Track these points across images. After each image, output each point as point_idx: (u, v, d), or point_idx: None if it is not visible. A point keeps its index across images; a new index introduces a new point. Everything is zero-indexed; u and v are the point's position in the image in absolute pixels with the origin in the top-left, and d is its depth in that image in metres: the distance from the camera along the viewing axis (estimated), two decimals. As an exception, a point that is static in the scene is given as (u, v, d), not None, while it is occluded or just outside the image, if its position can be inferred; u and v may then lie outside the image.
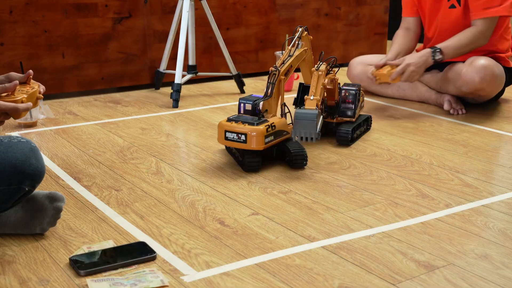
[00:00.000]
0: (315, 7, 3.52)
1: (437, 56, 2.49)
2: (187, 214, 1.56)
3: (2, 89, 1.41)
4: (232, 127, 1.85)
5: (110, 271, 1.27)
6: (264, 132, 1.82)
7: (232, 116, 1.89)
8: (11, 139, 1.31)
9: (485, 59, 2.46)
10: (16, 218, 1.39)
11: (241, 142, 1.83)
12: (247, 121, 1.84)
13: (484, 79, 2.44)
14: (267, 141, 1.84)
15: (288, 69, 1.97)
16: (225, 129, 1.85)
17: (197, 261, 1.32)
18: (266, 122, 1.85)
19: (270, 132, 1.84)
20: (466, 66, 2.48)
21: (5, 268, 1.28)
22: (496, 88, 2.53)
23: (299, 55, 2.02)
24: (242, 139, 1.83)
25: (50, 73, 2.80)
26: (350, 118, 2.16)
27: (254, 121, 1.84)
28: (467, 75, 2.45)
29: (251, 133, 1.81)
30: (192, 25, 2.83)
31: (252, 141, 1.82)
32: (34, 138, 2.20)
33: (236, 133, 1.83)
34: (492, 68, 2.45)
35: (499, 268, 1.31)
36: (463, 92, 2.53)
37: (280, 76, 1.93)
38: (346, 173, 1.88)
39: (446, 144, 2.17)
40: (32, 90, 1.46)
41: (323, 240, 1.43)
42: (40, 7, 2.72)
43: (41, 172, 1.32)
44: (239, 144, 1.84)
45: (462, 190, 1.75)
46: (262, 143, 1.82)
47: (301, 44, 2.05)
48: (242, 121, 1.85)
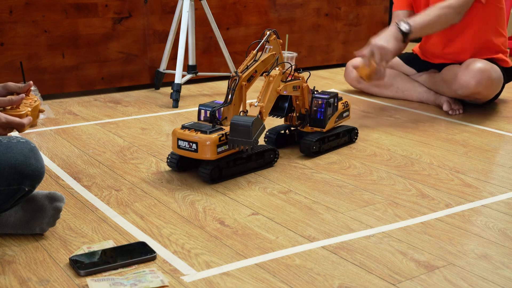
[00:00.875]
0: (315, 7, 3.52)
1: (403, 26, 2.30)
2: (187, 214, 1.56)
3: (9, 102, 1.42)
4: (184, 135, 1.75)
5: (110, 271, 1.27)
6: (217, 141, 1.71)
7: (187, 123, 1.80)
8: (11, 140, 1.31)
9: (482, 63, 2.44)
10: (16, 218, 1.39)
11: (193, 151, 1.73)
12: (200, 129, 1.74)
13: (480, 83, 2.42)
14: (220, 151, 1.74)
15: (252, 74, 1.85)
16: (177, 137, 1.76)
17: (197, 261, 1.32)
18: (220, 131, 1.74)
19: (224, 141, 1.74)
20: (462, 69, 2.47)
21: (5, 268, 1.28)
22: (493, 91, 2.52)
23: (265, 60, 1.89)
24: (194, 148, 1.73)
25: (50, 73, 2.80)
26: (320, 128, 2.03)
27: (207, 129, 1.74)
28: (462, 79, 2.44)
29: (202, 142, 1.71)
30: (192, 25, 2.83)
31: (203, 150, 1.72)
32: (34, 138, 2.20)
33: (188, 141, 1.73)
34: (489, 72, 2.43)
35: (499, 268, 1.31)
36: (459, 95, 2.52)
37: (241, 82, 1.81)
38: (346, 173, 1.88)
39: (446, 144, 2.17)
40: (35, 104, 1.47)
41: (323, 240, 1.43)
42: (40, 7, 2.72)
43: (41, 172, 1.32)
44: (191, 153, 1.74)
45: (462, 190, 1.75)
46: (214, 152, 1.72)
47: (269, 49, 1.94)
48: (195, 129, 1.74)
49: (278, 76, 1.85)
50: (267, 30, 1.95)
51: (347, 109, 2.16)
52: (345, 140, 2.13)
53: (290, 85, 1.92)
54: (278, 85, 1.86)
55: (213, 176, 1.76)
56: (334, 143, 2.08)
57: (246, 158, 1.84)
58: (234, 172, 1.81)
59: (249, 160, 1.85)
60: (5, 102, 1.42)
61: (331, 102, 2.03)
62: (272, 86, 1.83)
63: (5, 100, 1.42)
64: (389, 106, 2.71)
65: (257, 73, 1.89)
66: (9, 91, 1.47)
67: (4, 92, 1.46)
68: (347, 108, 2.16)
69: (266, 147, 1.90)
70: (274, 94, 1.85)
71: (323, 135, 2.02)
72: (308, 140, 1.98)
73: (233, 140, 1.70)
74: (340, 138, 2.11)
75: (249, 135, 1.68)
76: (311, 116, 2.04)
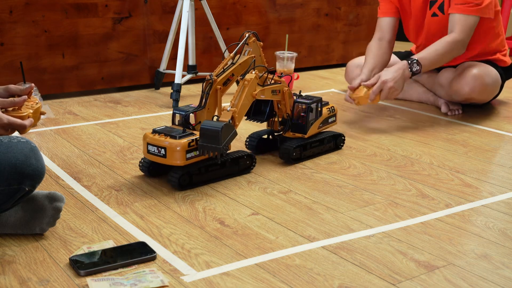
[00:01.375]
0: (315, 7, 3.52)
1: (414, 67, 2.33)
2: (187, 214, 1.56)
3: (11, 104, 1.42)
4: (153, 139, 1.70)
5: (110, 271, 1.27)
6: (186, 146, 1.66)
7: (159, 127, 1.75)
8: (11, 139, 1.31)
9: (477, 68, 2.43)
10: (16, 218, 1.39)
11: (161, 156, 1.69)
12: (170, 134, 1.69)
13: (473, 90, 2.43)
14: (190, 157, 1.68)
15: (228, 78, 1.80)
16: (147, 141, 1.72)
17: (197, 261, 1.32)
18: (191, 136, 1.69)
19: (194, 147, 1.69)
20: (456, 75, 2.47)
21: (5, 268, 1.28)
22: (489, 96, 2.52)
23: (243, 62, 1.84)
24: (162, 154, 1.68)
25: (50, 73, 2.80)
26: (302, 134, 1.96)
27: (177, 134, 1.69)
28: (456, 85, 2.45)
29: (171, 148, 1.66)
30: (192, 25, 2.83)
31: (172, 156, 1.67)
32: (34, 138, 2.20)
33: (157, 146, 1.69)
34: (482, 78, 2.42)
35: (499, 268, 1.31)
36: (454, 100, 2.53)
37: (216, 85, 1.77)
38: (346, 173, 1.88)
39: (446, 144, 2.17)
40: (36, 106, 1.48)
41: (323, 240, 1.43)
42: (40, 7, 2.72)
43: (41, 172, 1.32)
44: (160, 159, 1.69)
45: (462, 190, 1.75)
46: (183, 158, 1.67)
47: (248, 51, 1.88)
48: (165, 133, 1.69)
49: (253, 80, 1.78)
50: (246, 32, 1.89)
51: (333, 115, 2.08)
52: (330, 147, 2.06)
53: (268, 89, 1.84)
54: (253, 89, 1.78)
55: (182, 183, 1.70)
56: (317, 150, 2.01)
57: (220, 164, 1.78)
58: (206, 178, 1.75)
59: (223, 167, 1.79)
60: (8, 103, 1.42)
61: (313, 107, 1.95)
62: (246, 90, 1.76)
63: (7, 101, 1.42)
64: (389, 106, 2.70)
65: (234, 77, 1.84)
66: (10, 93, 1.47)
67: (5, 94, 1.47)
68: (333, 114, 2.09)
69: (243, 153, 1.83)
70: (249, 98, 1.78)
71: (305, 141, 1.95)
72: (288, 146, 1.91)
73: (202, 146, 1.64)
74: (324, 145, 2.03)
75: (218, 141, 1.62)
76: (293, 121, 1.96)
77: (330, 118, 2.08)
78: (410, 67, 2.32)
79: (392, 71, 2.32)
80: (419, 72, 2.34)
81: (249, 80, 1.76)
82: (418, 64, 2.33)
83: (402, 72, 2.32)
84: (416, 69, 2.33)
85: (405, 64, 2.33)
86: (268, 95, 1.86)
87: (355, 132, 2.31)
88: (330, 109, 2.07)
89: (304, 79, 3.26)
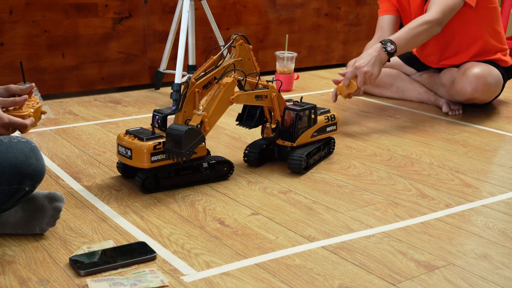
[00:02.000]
0: (315, 7, 3.52)
1: (389, 47, 2.24)
2: (187, 214, 1.56)
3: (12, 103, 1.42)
4: (123, 140, 1.67)
5: (110, 271, 1.27)
6: (151, 149, 1.62)
7: (133, 128, 1.73)
8: (11, 139, 1.31)
9: (479, 68, 2.43)
10: (16, 218, 1.39)
11: (128, 158, 1.66)
12: (139, 135, 1.66)
13: (476, 89, 2.42)
14: (155, 160, 1.64)
15: (209, 81, 1.73)
16: (118, 142, 1.70)
17: (197, 261, 1.32)
18: (159, 139, 1.65)
19: (161, 150, 1.64)
20: (459, 75, 2.46)
21: (5, 268, 1.28)
22: (491, 95, 2.52)
23: (227, 66, 1.76)
24: (128, 155, 1.65)
25: (50, 73, 2.80)
26: (291, 142, 1.87)
27: (145, 136, 1.65)
28: (459, 85, 2.44)
29: (136, 149, 1.63)
30: (192, 25, 2.83)
31: (136, 158, 1.64)
32: (34, 138, 2.20)
33: (125, 147, 1.66)
34: (485, 78, 2.42)
35: (499, 268, 1.31)
36: (456, 100, 2.53)
37: (194, 88, 1.70)
38: (346, 173, 1.88)
39: (446, 144, 2.17)
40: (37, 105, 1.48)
41: (323, 240, 1.43)
42: (40, 7, 2.71)
43: (41, 172, 1.32)
44: (127, 160, 1.66)
45: (462, 190, 1.75)
46: (147, 161, 1.63)
47: (234, 54, 1.82)
48: (135, 134, 1.66)
49: (230, 84, 1.70)
50: (234, 34, 1.82)
51: (332, 123, 1.97)
52: (324, 154, 1.99)
53: (250, 94, 1.77)
54: (230, 94, 1.71)
55: (147, 186, 1.67)
56: (311, 160, 1.91)
57: (193, 169, 1.73)
58: (175, 183, 1.71)
59: (197, 172, 1.74)
60: (9, 102, 1.42)
61: (303, 115, 1.85)
62: (221, 94, 1.68)
63: (8, 101, 1.42)
64: (389, 106, 2.71)
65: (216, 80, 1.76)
66: (11, 93, 1.47)
67: (6, 94, 1.47)
68: (333, 122, 1.97)
69: (220, 159, 1.77)
70: (224, 103, 1.70)
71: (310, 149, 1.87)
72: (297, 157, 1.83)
73: (167, 149, 1.60)
74: (320, 151, 1.96)
75: (181, 145, 1.56)
76: (283, 128, 1.88)
77: (329, 127, 1.97)
78: (384, 47, 2.25)
79: (366, 55, 2.25)
80: (394, 51, 2.25)
81: (225, 84, 1.70)
82: (392, 43, 2.25)
83: (376, 54, 2.24)
84: (391, 48, 2.25)
85: (378, 46, 2.26)
86: (250, 101, 1.78)
87: (355, 132, 2.31)
88: (329, 117, 1.96)
89: (304, 79, 3.26)
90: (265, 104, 1.83)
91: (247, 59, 1.86)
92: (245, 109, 1.92)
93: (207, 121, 1.66)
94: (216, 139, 2.18)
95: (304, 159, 1.83)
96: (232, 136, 2.23)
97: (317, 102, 2.77)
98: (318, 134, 1.94)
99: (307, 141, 1.90)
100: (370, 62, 2.23)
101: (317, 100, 2.80)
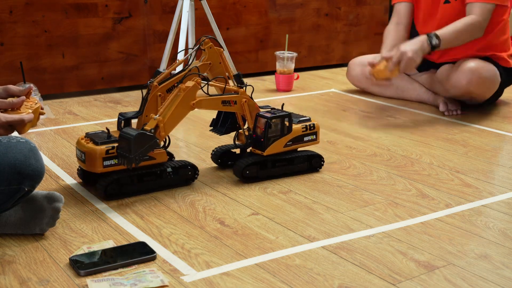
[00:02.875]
0: (315, 7, 3.52)
1: (434, 41, 2.35)
2: (187, 214, 1.56)
3: (9, 105, 1.42)
4: (79, 143, 1.64)
5: (110, 271, 1.27)
6: (103, 153, 1.58)
7: (92, 132, 1.69)
8: (11, 139, 1.31)
9: (475, 62, 2.43)
10: (16, 218, 1.39)
11: (82, 161, 1.62)
12: (95, 139, 1.62)
13: (470, 82, 2.42)
14: (108, 164, 1.59)
15: (174, 84, 1.68)
16: (76, 145, 1.66)
17: (197, 261, 1.32)
18: (113, 143, 1.60)
19: (114, 155, 1.59)
20: (454, 69, 2.46)
21: (5, 268, 1.28)
22: (487, 90, 2.50)
23: (193, 69, 1.70)
24: (83, 159, 1.62)
25: (50, 73, 2.80)
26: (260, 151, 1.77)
27: (100, 140, 1.60)
28: (453, 79, 2.44)
29: (89, 153, 1.59)
30: (192, 25, 2.83)
31: (89, 162, 1.59)
32: (34, 138, 2.20)
33: (80, 151, 1.63)
34: (479, 71, 2.41)
35: (499, 268, 1.31)
36: (452, 95, 2.52)
37: (156, 92, 1.66)
38: (346, 173, 1.88)
39: (446, 144, 2.17)
40: (35, 106, 1.48)
41: (323, 240, 1.43)
42: (40, 7, 2.72)
43: (40, 172, 1.32)
44: (83, 164, 1.63)
45: (462, 190, 1.75)
46: (99, 166, 1.58)
47: (204, 58, 1.77)
48: (92, 138, 1.63)
49: (191, 88, 1.63)
50: (203, 36, 1.78)
51: (311, 132, 1.84)
52: (302, 167, 1.85)
53: (216, 99, 1.69)
54: (191, 99, 1.63)
55: (109, 192, 1.63)
56: (281, 170, 1.81)
57: (156, 175, 1.68)
58: (139, 189, 1.67)
59: (160, 177, 1.69)
60: (6, 104, 1.42)
61: (273, 123, 1.75)
62: (180, 99, 1.62)
63: (5, 102, 1.42)
64: (389, 106, 2.71)
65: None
66: (9, 93, 1.47)
67: (4, 95, 1.47)
68: (312, 131, 1.85)
69: (184, 163, 1.72)
70: (184, 108, 1.63)
71: (263, 159, 1.77)
72: (240, 163, 1.76)
73: (119, 154, 1.56)
74: (294, 165, 1.83)
75: (130, 150, 1.51)
76: (254, 136, 1.78)
77: (307, 136, 1.84)
78: (429, 40, 2.35)
79: (412, 43, 2.35)
80: (438, 46, 2.36)
81: (185, 88, 1.62)
82: (437, 38, 2.35)
83: (421, 44, 2.33)
84: (436, 42, 2.35)
85: (424, 37, 2.36)
86: (216, 106, 1.70)
87: (355, 132, 2.31)
88: (307, 126, 1.83)
89: (304, 79, 3.26)
90: (234, 110, 1.75)
91: (217, 62, 1.79)
92: (220, 114, 1.86)
93: (162, 126, 1.59)
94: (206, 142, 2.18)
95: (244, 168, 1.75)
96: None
97: (317, 102, 2.78)
98: (294, 143, 1.81)
99: (280, 151, 1.79)
100: (414, 50, 2.31)
101: (317, 100, 2.80)
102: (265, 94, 2.93)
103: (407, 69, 2.34)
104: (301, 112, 2.57)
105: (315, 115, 2.51)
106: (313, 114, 2.54)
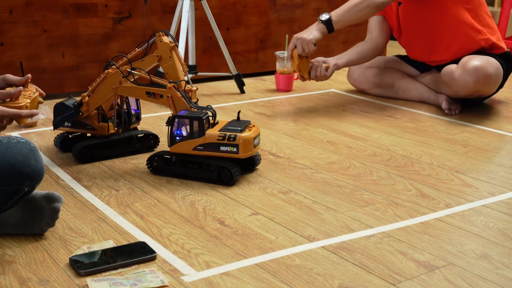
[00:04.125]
0: (315, 7, 3.52)
1: (323, 16, 2.45)
2: (187, 214, 1.56)
3: (7, 95, 1.42)
4: None
5: (110, 271, 1.27)
6: None
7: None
8: (10, 140, 1.31)
9: (478, 59, 2.42)
10: (16, 218, 1.39)
11: None
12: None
13: (477, 81, 2.41)
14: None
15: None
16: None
17: (197, 261, 1.32)
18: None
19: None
20: (459, 69, 2.45)
21: (5, 268, 1.28)
22: (493, 86, 2.50)
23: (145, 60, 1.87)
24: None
25: (50, 73, 2.80)
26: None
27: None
28: (460, 80, 2.43)
29: None
30: (192, 25, 2.83)
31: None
32: (34, 138, 2.20)
33: None
34: (485, 69, 2.41)
35: (499, 268, 1.31)
36: (461, 95, 2.52)
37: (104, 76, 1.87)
38: (346, 173, 1.88)
39: (446, 144, 2.17)
40: (34, 95, 1.48)
41: (323, 240, 1.43)
42: (40, 7, 2.71)
43: (40, 173, 1.32)
44: None
45: (462, 190, 1.75)
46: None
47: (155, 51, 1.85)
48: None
49: (114, 74, 1.84)
50: (161, 31, 1.86)
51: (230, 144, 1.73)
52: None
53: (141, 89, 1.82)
54: (113, 84, 1.86)
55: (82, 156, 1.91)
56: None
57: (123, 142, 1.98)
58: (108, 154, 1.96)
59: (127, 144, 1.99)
60: (3, 95, 1.42)
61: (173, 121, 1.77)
62: (103, 83, 1.87)
63: (3, 93, 1.42)
64: (389, 106, 2.70)
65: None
66: (7, 83, 1.47)
67: (2, 84, 1.47)
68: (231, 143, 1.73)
69: (146, 132, 2.03)
70: (106, 91, 1.88)
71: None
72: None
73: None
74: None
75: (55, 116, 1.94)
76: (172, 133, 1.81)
77: (224, 146, 1.73)
78: (319, 17, 2.46)
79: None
80: (329, 20, 2.44)
81: (108, 73, 1.86)
82: (327, 14, 2.45)
83: (313, 25, 2.46)
84: (325, 17, 2.45)
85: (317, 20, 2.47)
86: (139, 95, 1.85)
87: (355, 132, 2.31)
88: (225, 136, 1.73)
89: (304, 79, 3.25)
90: (159, 103, 1.83)
91: (167, 56, 1.86)
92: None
93: (85, 101, 1.91)
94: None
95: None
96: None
97: (317, 102, 2.78)
98: (206, 149, 1.75)
99: (188, 152, 1.77)
100: (305, 30, 2.44)
101: (317, 100, 2.80)
102: (265, 94, 2.93)
103: (305, 50, 2.42)
104: (301, 112, 2.58)
105: (315, 115, 2.51)
106: (313, 114, 2.54)
